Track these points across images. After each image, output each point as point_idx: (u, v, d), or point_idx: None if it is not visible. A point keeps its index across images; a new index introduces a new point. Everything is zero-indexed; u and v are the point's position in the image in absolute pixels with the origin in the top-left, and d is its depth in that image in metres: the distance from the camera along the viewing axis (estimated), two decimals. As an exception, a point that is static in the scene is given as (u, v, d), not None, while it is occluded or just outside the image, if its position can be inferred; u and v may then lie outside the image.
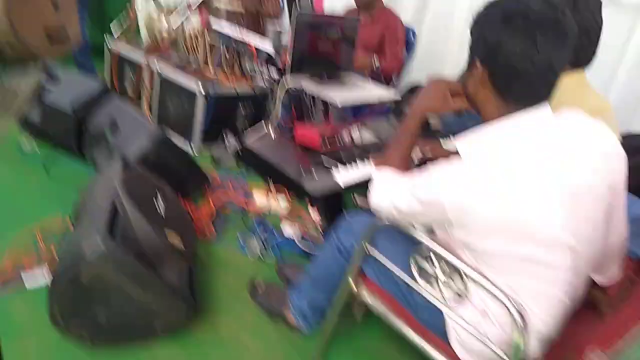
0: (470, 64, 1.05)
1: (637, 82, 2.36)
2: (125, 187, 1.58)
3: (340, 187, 1.43)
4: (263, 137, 1.55)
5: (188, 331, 1.53)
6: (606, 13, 1.32)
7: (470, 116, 2.17)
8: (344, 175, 1.49)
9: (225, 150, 2.88)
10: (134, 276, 1.32)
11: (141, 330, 1.42)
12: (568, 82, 1.05)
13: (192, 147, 2.94)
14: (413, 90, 3.19)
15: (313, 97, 1.75)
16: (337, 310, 1.36)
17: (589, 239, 1.02)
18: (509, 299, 0.99)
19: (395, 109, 2.30)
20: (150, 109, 3.22)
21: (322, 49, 1.88)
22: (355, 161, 1.61)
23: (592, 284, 1.18)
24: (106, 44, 3.52)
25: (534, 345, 1.04)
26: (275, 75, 2.40)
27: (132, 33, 3.51)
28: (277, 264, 1.91)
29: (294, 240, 2.15)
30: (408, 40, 3.00)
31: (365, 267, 1.30)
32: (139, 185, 1.70)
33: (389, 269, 1.21)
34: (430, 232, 1.15)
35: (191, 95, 2.86)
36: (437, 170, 1.01)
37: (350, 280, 1.30)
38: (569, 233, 0.97)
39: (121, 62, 3.45)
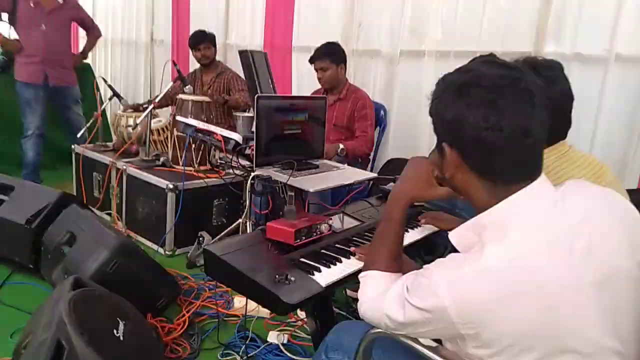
0: (440, 149, 0.91)
1: (618, 134, 2.28)
2: (75, 313, 1.34)
3: (322, 288, 1.22)
4: (230, 240, 1.36)
5: None
6: (574, 69, 1.23)
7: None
8: (326, 275, 1.28)
9: (200, 249, 2.67)
10: None
11: None
12: (546, 158, 0.90)
13: (164, 249, 2.72)
14: (389, 164, 3.08)
15: (285, 187, 1.59)
16: None
17: (635, 335, 0.82)
18: None
19: (373, 188, 2.15)
20: (119, 212, 3.04)
21: (290, 133, 1.75)
22: (336, 252, 1.41)
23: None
24: (73, 149, 3.40)
25: None
26: (246, 164, 2.25)
27: (99, 135, 3.41)
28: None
29: (279, 347, 1.88)
30: (379, 118, 2.94)
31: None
32: (92, 310, 1.46)
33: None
34: (438, 342, 0.93)
35: (160, 192, 2.70)
36: (436, 269, 0.82)
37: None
38: (610, 333, 0.77)
39: (88, 165, 3.31)
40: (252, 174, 1.60)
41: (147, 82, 5.17)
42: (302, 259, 1.34)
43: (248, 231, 2.50)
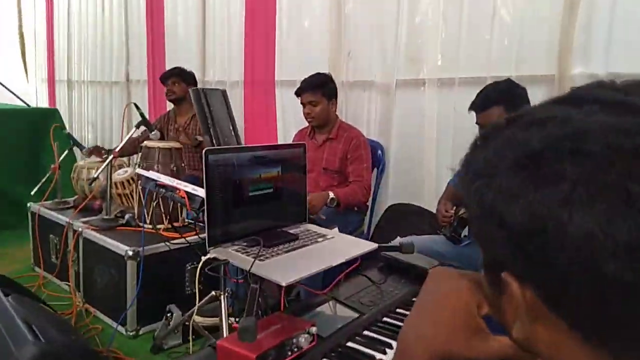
0: (492, 278, 0.46)
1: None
2: None
3: None
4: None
5: None
6: None
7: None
8: None
9: (169, 327, 2.20)
10: None
11: None
12: None
13: (125, 328, 2.25)
14: (389, 211, 2.65)
15: (248, 276, 1.15)
16: None
17: None
18: None
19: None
20: (77, 281, 2.58)
21: (258, 195, 1.32)
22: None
23: None
24: (28, 208, 2.97)
25: None
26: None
27: (57, 190, 2.99)
28: None
29: None
30: (376, 158, 2.53)
31: None
32: None
33: None
34: None
35: (118, 259, 2.26)
36: None
37: None
38: None
39: (45, 225, 2.87)
40: (204, 257, 1.17)
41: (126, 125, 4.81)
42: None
43: (222, 307, 2.06)
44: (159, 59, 4.21)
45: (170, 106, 4.08)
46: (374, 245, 1.31)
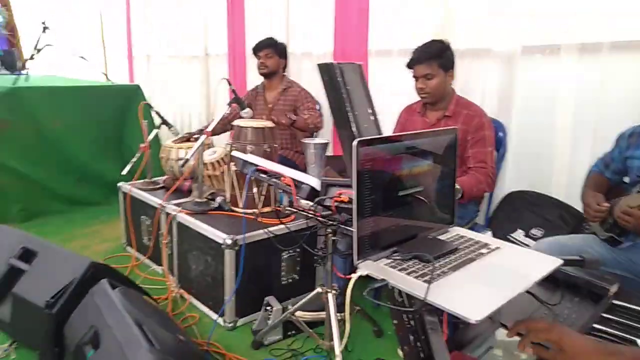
0: None
1: None
2: None
3: None
4: None
5: None
6: None
7: None
8: None
9: (268, 320, 2.06)
10: None
11: None
12: None
13: (224, 319, 2.14)
14: (508, 199, 2.32)
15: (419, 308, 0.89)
16: None
17: None
18: None
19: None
20: (171, 265, 2.51)
21: (407, 195, 1.08)
22: None
23: None
24: (119, 188, 2.93)
25: None
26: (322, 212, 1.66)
27: (147, 170, 2.92)
28: None
29: None
30: (497, 140, 2.18)
31: None
32: None
33: None
34: None
35: (216, 247, 2.13)
36: None
37: None
38: None
39: (136, 206, 2.82)
40: (355, 275, 0.94)
41: (204, 101, 4.73)
42: None
43: (330, 306, 1.89)
44: (238, 32, 4.03)
45: (250, 81, 3.91)
46: (559, 262, 1.03)
